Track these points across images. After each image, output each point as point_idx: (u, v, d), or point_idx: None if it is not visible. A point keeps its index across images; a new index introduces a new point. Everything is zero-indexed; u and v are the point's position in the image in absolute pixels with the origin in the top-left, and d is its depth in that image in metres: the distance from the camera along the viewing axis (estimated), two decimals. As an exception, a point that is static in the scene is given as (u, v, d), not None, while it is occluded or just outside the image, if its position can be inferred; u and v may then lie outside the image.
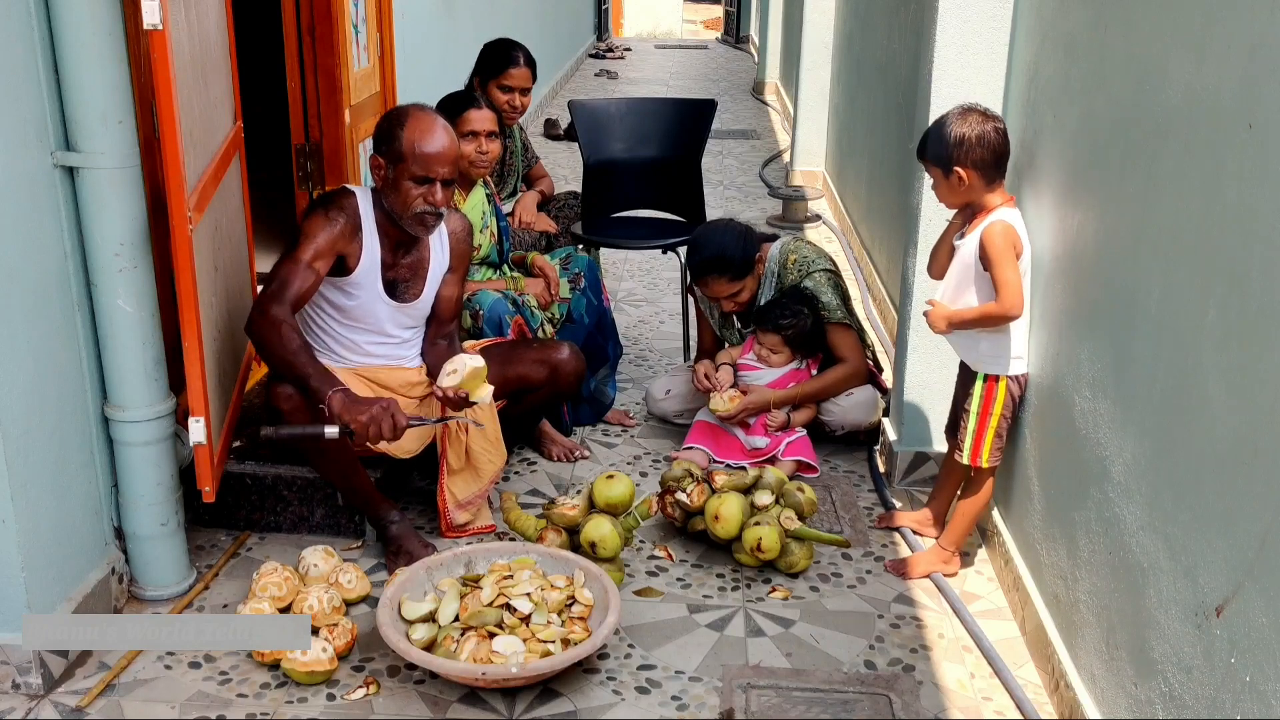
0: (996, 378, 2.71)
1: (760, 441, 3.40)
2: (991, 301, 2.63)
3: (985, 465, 2.76)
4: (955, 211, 2.77)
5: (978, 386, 2.73)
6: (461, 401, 2.79)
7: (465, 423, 2.89)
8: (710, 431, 3.45)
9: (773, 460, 3.35)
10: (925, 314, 2.80)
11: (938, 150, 2.64)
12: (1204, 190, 1.81)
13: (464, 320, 3.34)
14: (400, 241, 2.87)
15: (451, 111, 3.42)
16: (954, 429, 2.85)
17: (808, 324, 3.42)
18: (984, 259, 2.62)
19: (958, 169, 2.62)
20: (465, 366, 2.74)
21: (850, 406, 3.48)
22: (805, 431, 3.44)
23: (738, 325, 3.66)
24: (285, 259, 2.70)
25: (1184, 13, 1.92)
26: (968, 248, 2.68)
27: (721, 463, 3.38)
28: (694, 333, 4.49)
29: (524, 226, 4.04)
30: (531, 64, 3.95)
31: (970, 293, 2.69)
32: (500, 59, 3.91)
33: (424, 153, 2.71)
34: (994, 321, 2.65)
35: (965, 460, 2.78)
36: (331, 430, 2.56)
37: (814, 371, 3.50)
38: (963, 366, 2.83)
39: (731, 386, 3.44)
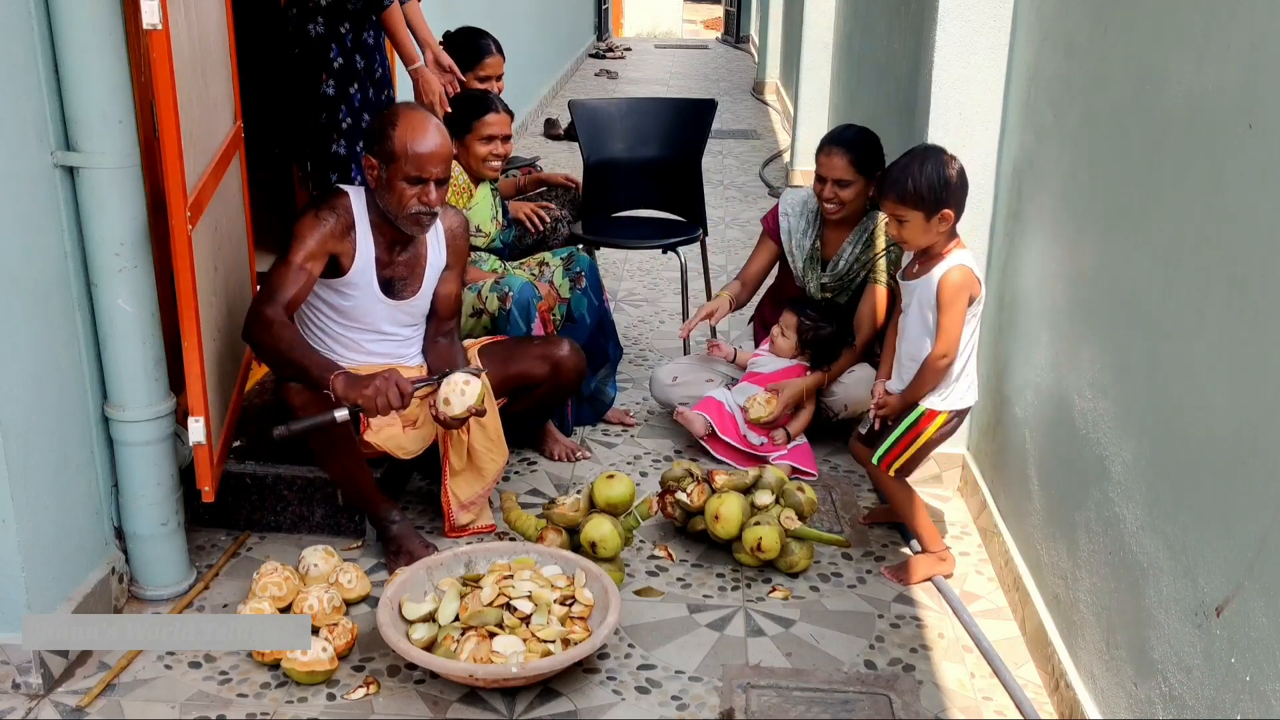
0: (935, 412, 2.74)
1: (756, 439, 3.41)
2: (929, 352, 2.70)
3: (891, 474, 2.82)
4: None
5: (914, 413, 2.76)
6: (458, 424, 2.81)
7: (471, 377, 2.89)
8: (716, 406, 3.48)
9: (766, 460, 3.36)
10: (877, 405, 2.85)
11: (925, 191, 2.60)
12: (1204, 190, 1.81)
13: (491, 303, 3.34)
14: (396, 240, 2.87)
15: (468, 112, 3.42)
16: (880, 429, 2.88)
17: (825, 333, 3.48)
18: (938, 301, 2.66)
19: (945, 210, 2.63)
20: (464, 398, 2.74)
21: (852, 384, 3.48)
22: (805, 440, 3.46)
23: (820, 274, 3.55)
24: (277, 263, 2.70)
25: (1184, 13, 1.92)
26: (927, 290, 2.70)
27: (720, 438, 3.43)
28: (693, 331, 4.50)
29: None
30: (501, 50, 3.96)
31: (934, 331, 2.71)
32: (473, 50, 3.92)
33: (417, 153, 2.71)
34: (940, 371, 2.69)
35: (875, 460, 2.82)
36: (341, 413, 2.58)
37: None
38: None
39: (762, 390, 3.46)
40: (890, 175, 2.68)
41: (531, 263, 3.73)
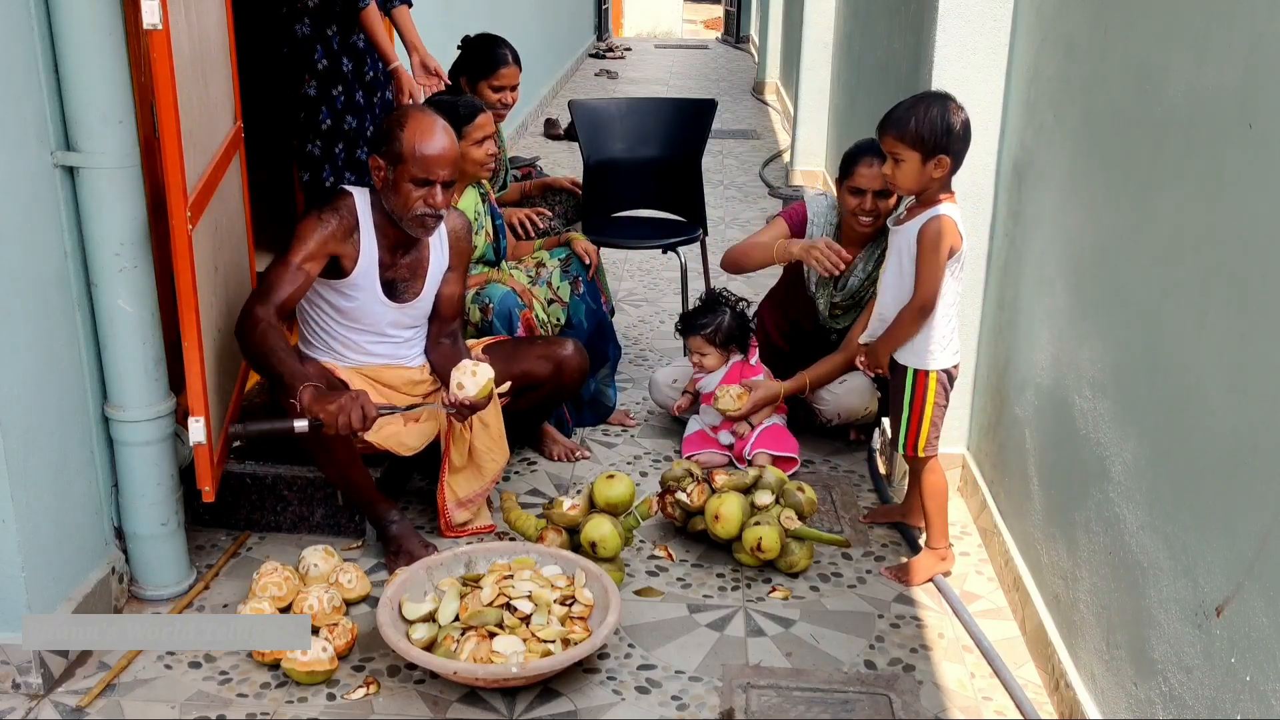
0: (926, 372, 2.74)
1: (726, 438, 3.42)
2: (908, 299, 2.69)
3: (921, 455, 2.80)
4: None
5: (908, 381, 2.76)
6: (470, 410, 2.81)
7: (437, 410, 2.90)
8: (704, 440, 3.46)
9: (746, 458, 3.36)
10: (861, 362, 2.88)
11: (926, 133, 2.57)
12: (1204, 190, 1.81)
13: (473, 314, 3.34)
14: (399, 242, 2.87)
15: (456, 119, 3.41)
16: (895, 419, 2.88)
17: (725, 321, 3.45)
18: (917, 248, 2.65)
19: (941, 156, 2.60)
20: (476, 379, 2.75)
21: (844, 393, 3.47)
22: (776, 419, 3.44)
23: (832, 293, 3.48)
24: (276, 262, 2.71)
25: (1184, 13, 1.92)
26: (906, 237, 2.69)
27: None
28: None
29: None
30: (518, 60, 3.96)
31: (910, 279, 2.70)
32: (490, 59, 3.91)
33: (424, 155, 2.70)
34: (916, 319, 2.68)
35: (901, 452, 2.82)
36: (301, 424, 2.56)
37: (754, 359, 3.50)
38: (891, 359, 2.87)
39: (733, 384, 3.43)
40: (894, 112, 2.63)
41: (530, 263, 3.73)
